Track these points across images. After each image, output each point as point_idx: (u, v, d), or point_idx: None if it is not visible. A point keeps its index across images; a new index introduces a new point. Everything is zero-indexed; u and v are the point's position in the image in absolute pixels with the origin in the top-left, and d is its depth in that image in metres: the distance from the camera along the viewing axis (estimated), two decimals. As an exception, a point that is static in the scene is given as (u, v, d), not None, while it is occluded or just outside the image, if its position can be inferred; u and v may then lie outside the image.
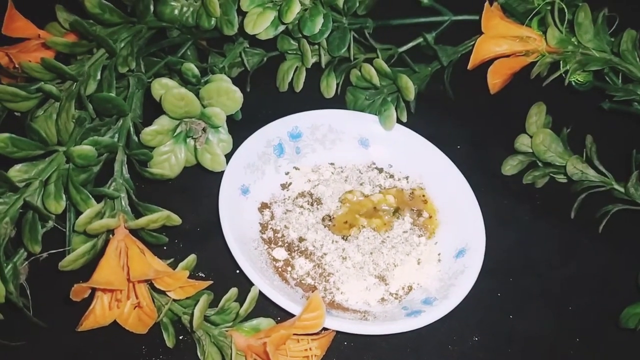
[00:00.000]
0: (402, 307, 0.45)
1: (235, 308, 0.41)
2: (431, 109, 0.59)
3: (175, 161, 0.46)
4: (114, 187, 0.43)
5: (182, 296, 0.40)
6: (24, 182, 0.41)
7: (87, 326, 0.39)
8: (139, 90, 0.49)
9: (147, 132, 0.44)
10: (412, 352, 0.45)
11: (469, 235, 0.48)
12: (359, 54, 0.57)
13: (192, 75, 0.46)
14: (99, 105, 0.45)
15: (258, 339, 0.39)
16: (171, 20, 0.52)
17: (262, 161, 0.52)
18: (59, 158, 0.42)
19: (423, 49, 0.59)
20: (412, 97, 0.53)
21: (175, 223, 0.42)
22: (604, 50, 0.51)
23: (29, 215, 0.41)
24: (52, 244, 0.42)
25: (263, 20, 0.49)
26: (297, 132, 0.54)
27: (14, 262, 0.41)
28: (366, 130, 0.56)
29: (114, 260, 0.39)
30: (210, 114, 0.45)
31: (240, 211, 0.48)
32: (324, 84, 0.57)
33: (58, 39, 0.47)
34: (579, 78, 0.52)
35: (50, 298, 0.42)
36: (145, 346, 0.44)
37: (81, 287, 0.37)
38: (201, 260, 0.43)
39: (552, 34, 0.50)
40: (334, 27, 0.52)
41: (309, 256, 0.48)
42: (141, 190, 0.46)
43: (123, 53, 0.48)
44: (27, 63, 0.45)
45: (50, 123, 0.48)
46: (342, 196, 0.52)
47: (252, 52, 0.59)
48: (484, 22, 0.51)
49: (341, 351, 0.45)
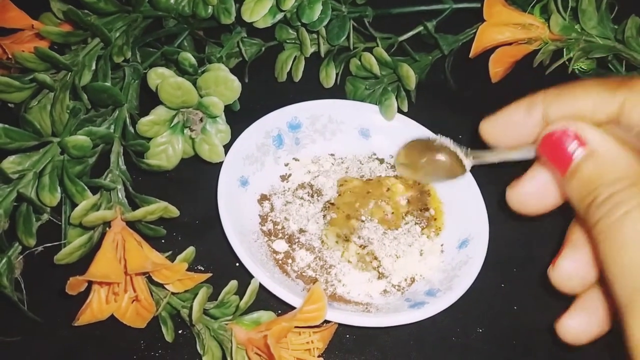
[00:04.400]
0: (405, 299, 0.45)
1: (235, 301, 0.40)
2: (432, 99, 0.59)
3: (172, 152, 0.45)
4: (110, 178, 0.42)
5: (181, 289, 0.40)
6: (17, 173, 0.40)
7: (83, 321, 0.38)
8: (135, 80, 0.48)
9: (144, 122, 0.43)
10: (415, 344, 0.45)
11: (472, 225, 0.48)
12: (359, 43, 0.56)
13: (189, 65, 0.46)
14: (94, 96, 0.44)
15: (259, 332, 0.38)
16: (167, 9, 0.51)
17: (261, 152, 0.51)
18: (54, 149, 0.41)
19: (424, 38, 0.58)
20: (413, 86, 0.52)
21: (173, 215, 0.42)
22: (607, 37, 0.50)
23: (23, 207, 0.40)
24: (47, 237, 0.41)
25: (261, 7, 0.48)
26: (297, 123, 0.53)
27: (8, 256, 0.40)
28: (367, 120, 0.55)
29: (111, 253, 0.38)
30: (208, 104, 0.44)
31: (240, 203, 0.48)
32: (324, 74, 0.56)
33: (52, 29, 0.46)
34: (583, 66, 0.52)
35: (45, 292, 0.41)
36: (143, 341, 0.43)
37: (77, 280, 0.36)
38: (200, 253, 0.42)
39: (556, 21, 0.50)
40: (333, 15, 0.51)
41: (310, 248, 0.47)
42: (138, 182, 0.45)
43: (118, 42, 0.47)
44: (21, 53, 0.45)
45: (44, 114, 0.47)
46: (339, 181, 0.51)
47: (249, 42, 0.58)
48: (486, 9, 0.51)
49: (343, 344, 0.44)
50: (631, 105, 0.21)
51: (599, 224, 0.21)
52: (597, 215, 0.21)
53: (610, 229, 0.20)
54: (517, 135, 0.25)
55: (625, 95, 0.22)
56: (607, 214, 0.21)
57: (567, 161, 0.22)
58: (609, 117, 0.22)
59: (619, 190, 0.21)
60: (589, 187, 0.22)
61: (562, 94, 0.23)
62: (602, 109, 0.22)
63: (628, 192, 0.21)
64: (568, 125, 0.22)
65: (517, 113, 0.25)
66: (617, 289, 0.20)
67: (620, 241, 0.20)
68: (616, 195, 0.21)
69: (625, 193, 0.21)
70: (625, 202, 0.20)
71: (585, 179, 0.22)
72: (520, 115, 0.24)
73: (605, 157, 0.22)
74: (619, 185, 0.21)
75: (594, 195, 0.21)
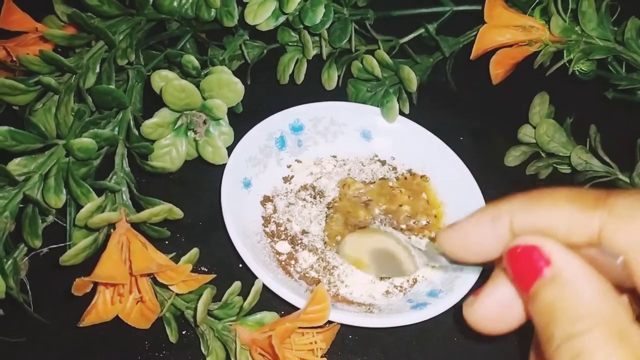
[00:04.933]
0: (407, 299, 0.45)
1: (238, 302, 0.40)
2: (433, 101, 0.59)
3: (176, 154, 0.46)
4: (115, 180, 0.42)
5: (185, 290, 0.40)
6: (23, 175, 0.40)
7: (89, 322, 0.39)
8: (139, 83, 0.48)
9: (148, 124, 0.44)
10: (417, 345, 0.45)
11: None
12: (360, 46, 0.56)
13: (192, 67, 0.46)
14: (99, 98, 0.44)
15: (262, 332, 0.38)
16: (170, 11, 0.51)
17: (263, 154, 0.52)
18: (59, 151, 0.42)
19: (425, 40, 0.59)
20: (414, 88, 0.52)
21: (177, 216, 0.42)
22: (607, 38, 0.50)
23: (29, 209, 0.40)
24: (52, 238, 0.41)
25: (264, 10, 0.48)
26: (299, 125, 0.54)
27: (14, 258, 0.41)
28: (368, 122, 0.55)
29: (116, 255, 0.39)
30: (211, 106, 0.44)
31: (243, 204, 0.48)
32: (325, 76, 0.56)
33: (56, 32, 0.46)
34: (583, 67, 0.52)
35: (51, 293, 0.41)
36: (148, 341, 0.43)
37: (83, 281, 0.36)
38: (204, 254, 0.42)
39: (556, 23, 0.50)
40: (335, 18, 0.51)
41: (313, 249, 0.47)
42: (142, 184, 0.46)
43: (122, 45, 0.48)
44: (25, 56, 0.45)
45: (49, 117, 0.48)
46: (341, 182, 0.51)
47: (252, 45, 0.58)
48: (486, 11, 0.51)
49: (346, 344, 0.44)
50: (611, 230, 0.18)
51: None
52: (551, 356, 0.18)
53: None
54: (480, 249, 0.21)
55: (603, 217, 0.18)
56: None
57: (531, 280, 0.19)
58: (589, 240, 0.19)
59: (579, 333, 0.17)
60: (547, 317, 0.19)
61: (532, 206, 0.20)
62: (577, 231, 0.19)
63: (589, 337, 0.17)
64: (535, 240, 0.19)
65: (480, 225, 0.21)
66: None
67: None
68: (577, 339, 0.17)
69: (587, 339, 0.17)
70: (585, 353, 0.17)
71: (545, 306, 0.19)
72: (484, 228, 0.21)
73: (569, 283, 0.18)
74: (580, 326, 0.17)
75: (551, 330, 0.18)
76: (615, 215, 0.18)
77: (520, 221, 0.20)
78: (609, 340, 0.17)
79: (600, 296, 0.18)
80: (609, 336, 0.17)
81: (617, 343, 0.17)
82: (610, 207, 0.18)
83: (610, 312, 0.18)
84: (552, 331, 0.18)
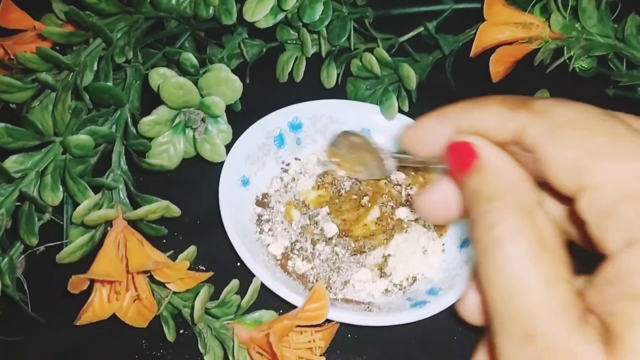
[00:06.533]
0: (407, 298, 0.45)
1: (236, 300, 0.40)
2: (433, 99, 0.58)
3: (174, 152, 0.45)
4: (112, 178, 0.42)
5: (182, 288, 0.40)
6: (20, 173, 0.40)
7: (85, 320, 0.38)
8: (137, 81, 0.48)
9: (146, 122, 0.43)
10: (416, 344, 0.45)
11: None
12: (360, 44, 0.56)
13: (190, 65, 0.46)
14: (96, 96, 0.44)
15: (260, 331, 0.38)
16: (169, 9, 0.51)
17: (262, 152, 0.51)
18: (56, 149, 0.41)
19: (424, 38, 0.58)
20: (413, 86, 0.52)
21: (174, 214, 0.42)
22: (608, 35, 0.50)
23: (25, 206, 0.40)
24: (49, 236, 0.41)
25: (262, 7, 0.48)
26: (298, 123, 0.53)
27: (10, 255, 0.40)
28: (367, 120, 0.55)
29: (113, 252, 0.38)
30: (210, 104, 0.44)
31: (241, 203, 0.48)
32: (324, 74, 0.56)
33: (54, 29, 0.46)
34: (583, 64, 0.52)
35: (47, 292, 0.41)
36: (145, 340, 0.43)
37: (79, 278, 0.36)
38: (201, 253, 0.42)
39: (556, 20, 0.50)
40: (333, 16, 0.51)
41: (316, 242, 0.47)
42: (139, 182, 0.45)
43: (120, 43, 0.47)
44: (23, 53, 0.45)
45: (46, 114, 0.47)
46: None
47: (251, 43, 0.58)
48: (486, 8, 0.51)
49: (345, 343, 0.44)
50: (528, 129, 0.21)
51: (475, 246, 0.20)
52: (472, 234, 0.20)
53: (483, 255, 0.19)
54: (431, 145, 0.24)
55: (524, 116, 0.21)
56: (481, 237, 0.20)
57: (463, 171, 0.22)
58: (512, 137, 0.21)
59: (492, 209, 0.20)
60: (472, 200, 0.21)
61: (471, 109, 0.23)
62: (503, 129, 0.21)
63: (500, 212, 0.19)
64: (467, 138, 0.22)
65: (430, 124, 0.24)
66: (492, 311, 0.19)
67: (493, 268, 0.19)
68: (490, 214, 0.20)
69: (498, 212, 0.19)
70: (495, 225, 0.19)
71: (471, 191, 0.21)
72: (434, 126, 0.24)
73: (491, 171, 0.21)
74: (494, 203, 0.20)
75: (473, 210, 0.21)
76: (532, 112, 0.21)
77: (462, 122, 0.23)
78: (516, 215, 0.19)
79: (516, 182, 0.20)
80: (517, 211, 0.19)
81: (523, 218, 0.19)
82: (530, 106, 0.21)
83: (522, 194, 0.20)
84: (474, 211, 0.21)
